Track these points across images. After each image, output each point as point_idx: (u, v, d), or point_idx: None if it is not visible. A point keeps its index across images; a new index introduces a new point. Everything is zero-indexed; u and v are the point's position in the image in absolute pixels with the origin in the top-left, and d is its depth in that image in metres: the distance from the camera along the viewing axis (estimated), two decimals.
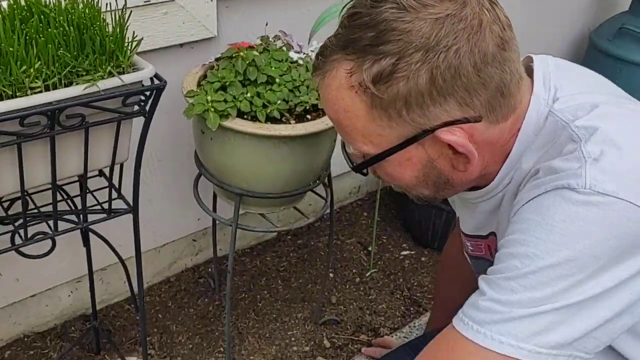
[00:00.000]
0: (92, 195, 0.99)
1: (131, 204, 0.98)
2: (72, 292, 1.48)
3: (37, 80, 0.77)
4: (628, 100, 0.78)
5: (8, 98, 0.76)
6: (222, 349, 1.48)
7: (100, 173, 1.03)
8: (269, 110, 1.08)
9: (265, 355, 1.49)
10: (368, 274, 1.77)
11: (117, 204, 0.98)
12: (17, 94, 0.76)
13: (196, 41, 1.33)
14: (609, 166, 0.63)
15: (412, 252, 1.88)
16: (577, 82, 0.76)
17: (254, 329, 1.56)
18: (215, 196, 1.43)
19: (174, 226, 1.59)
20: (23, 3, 0.81)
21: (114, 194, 0.97)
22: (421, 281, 1.77)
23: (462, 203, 0.90)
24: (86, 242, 1.22)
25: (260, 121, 1.07)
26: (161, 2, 1.22)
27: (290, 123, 1.10)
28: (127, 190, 1.00)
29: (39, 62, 0.77)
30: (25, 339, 1.44)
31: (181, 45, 1.31)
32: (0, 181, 0.81)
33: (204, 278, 1.68)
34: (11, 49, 0.75)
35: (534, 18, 2.18)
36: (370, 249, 1.84)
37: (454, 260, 1.17)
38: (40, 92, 0.77)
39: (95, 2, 0.84)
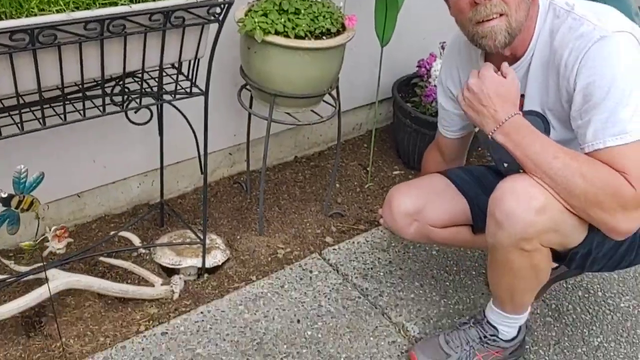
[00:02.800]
0: (179, 84, 1.44)
1: (203, 89, 1.44)
2: (140, 184, 1.94)
3: None
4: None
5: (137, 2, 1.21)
6: (254, 229, 1.95)
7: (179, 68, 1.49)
8: (296, 31, 1.54)
9: (286, 233, 1.95)
10: (366, 186, 2.23)
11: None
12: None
13: None
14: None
15: (402, 172, 2.34)
16: None
17: (278, 217, 2.02)
18: (250, 105, 1.89)
19: (214, 140, 2.04)
20: None
21: (189, 82, 1.44)
22: None
23: None
24: (160, 132, 1.68)
25: (290, 38, 1.53)
26: None
27: (311, 40, 1.56)
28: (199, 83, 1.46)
29: None
30: (106, 217, 1.90)
31: None
32: (131, 59, 1.27)
33: (238, 183, 2.14)
34: None
35: None
36: (368, 169, 2.30)
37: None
38: None
39: None
